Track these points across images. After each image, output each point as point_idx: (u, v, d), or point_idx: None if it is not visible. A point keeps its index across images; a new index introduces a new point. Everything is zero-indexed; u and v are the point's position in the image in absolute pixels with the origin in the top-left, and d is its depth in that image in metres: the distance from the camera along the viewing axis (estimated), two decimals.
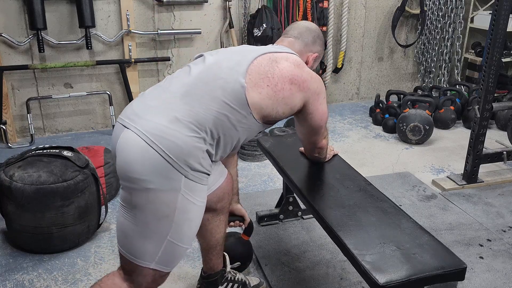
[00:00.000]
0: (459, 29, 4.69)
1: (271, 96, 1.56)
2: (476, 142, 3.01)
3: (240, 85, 1.51)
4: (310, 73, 1.68)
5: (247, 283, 2.09)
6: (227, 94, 1.49)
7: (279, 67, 1.59)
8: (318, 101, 1.71)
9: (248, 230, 2.21)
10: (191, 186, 1.44)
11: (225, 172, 1.84)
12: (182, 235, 1.48)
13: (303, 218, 2.67)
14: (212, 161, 1.52)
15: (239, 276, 2.07)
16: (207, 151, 1.47)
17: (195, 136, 1.43)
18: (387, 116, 4.12)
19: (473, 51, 4.90)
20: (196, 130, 1.43)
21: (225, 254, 2.03)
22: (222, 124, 1.49)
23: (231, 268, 2.06)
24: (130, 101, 1.90)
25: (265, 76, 1.56)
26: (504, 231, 2.61)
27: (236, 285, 2.04)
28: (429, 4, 4.68)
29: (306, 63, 1.81)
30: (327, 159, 2.17)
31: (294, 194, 2.56)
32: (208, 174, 1.50)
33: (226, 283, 2.02)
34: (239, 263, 2.17)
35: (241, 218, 2.12)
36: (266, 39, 3.95)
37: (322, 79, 4.47)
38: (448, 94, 4.42)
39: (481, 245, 2.47)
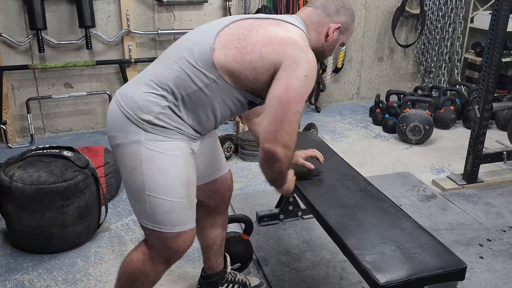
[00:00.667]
0: (459, 29, 4.70)
1: (237, 59, 1.43)
2: (476, 142, 3.01)
3: (209, 46, 1.44)
4: (298, 44, 1.44)
5: (248, 283, 2.09)
6: (193, 55, 1.45)
7: (258, 32, 1.45)
8: (293, 72, 1.40)
9: (248, 229, 2.21)
10: (153, 137, 1.45)
11: (224, 169, 1.83)
12: (158, 186, 1.45)
13: (303, 218, 2.67)
14: (185, 122, 1.48)
15: (240, 277, 2.07)
16: (170, 108, 1.46)
17: (152, 92, 1.45)
18: (387, 116, 4.12)
19: (473, 51, 4.90)
20: (154, 87, 1.46)
21: (226, 254, 2.03)
22: (184, 84, 1.45)
23: (231, 269, 2.06)
24: None
25: (236, 38, 1.45)
26: (504, 231, 2.61)
27: (236, 285, 2.04)
28: (429, 4, 4.68)
29: (327, 35, 1.59)
30: (284, 189, 1.75)
31: (294, 194, 2.56)
32: (174, 129, 1.47)
33: (226, 284, 2.02)
34: (239, 264, 2.17)
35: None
36: None
37: (322, 79, 4.54)
38: (448, 94, 4.42)
39: (481, 245, 2.47)
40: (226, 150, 3.41)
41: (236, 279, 2.05)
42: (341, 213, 1.76)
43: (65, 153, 2.41)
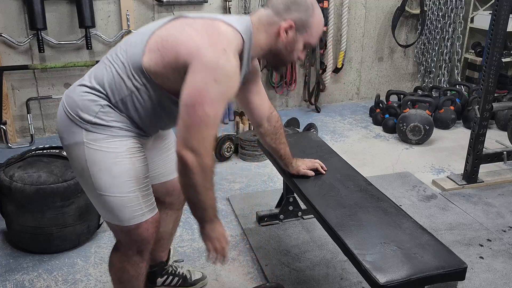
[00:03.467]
0: (459, 29, 4.70)
1: (159, 61, 1.40)
2: (476, 142, 3.01)
3: (140, 49, 1.42)
4: (216, 46, 1.35)
5: (189, 277, 2.08)
6: (127, 57, 1.45)
7: (183, 32, 1.41)
8: (200, 75, 1.33)
9: None
10: (95, 137, 1.45)
11: None
12: (105, 185, 1.47)
13: (303, 218, 2.67)
14: (127, 119, 1.48)
15: (181, 270, 2.06)
16: (109, 106, 1.46)
17: (90, 92, 1.47)
18: (387, 116, 4.12)
19: (473, 51, 4.90)
20: (94, 86, 1.47)
21: (171, 248, 2.03)
22: (118, 87, 1.45)
23: (174, 262, 2.04)
24: None
25: (161, 40, 1.41)
26: (504, 231, 2.61)
27: (176, 278, 2.03)
28: (429, 4, 4.68)
29: (278, 35, 1.49)
30: (207, 232, 1.51)
31: (294, 194, 2.56)
32: (116, 127, 1.47)
33: (166, 276, 2.01)
34: (182, 259, 2.18)
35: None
36: None
37: (322, 79, 4.54)
38: (448, 94, 4.42)
39: (481, 245, 2.47)
40: (226, 150, 3.41)
41: (177, 272, 2.04)
42: (341, 213, 1.76)
43: (65, 153, 2.41)
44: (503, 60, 4.60)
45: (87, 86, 1.48)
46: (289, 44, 1.51)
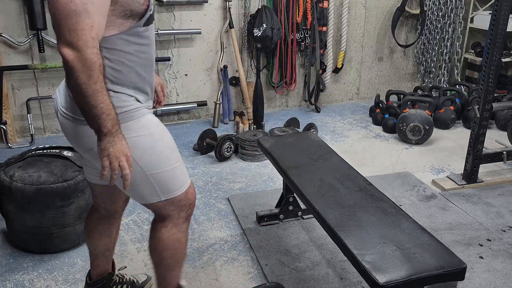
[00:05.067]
0: (459, 29, 4.70)
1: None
2: (476, 142, 3.01)
3: None
4: None
5: (136, 281, 2.06)
6: None
7: None
8: None
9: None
10: (123, 127, 1.39)
11: None
12: (154, 163, 1.50)
13: (303, 218, 2.67)
14: (130, 89, 1.44)
15: (127, 276, 2.04)
16: (112, 91, 1.40)
17: None
18: (387, 116, 4.12)
19: (473, 51, 4.90)
20: None
21: (113, 258, 1.99)
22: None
23: (118, 270, 2.01)
24: None
25: None
26: (504, 231, 2.61)
27: (125, 285, 2.00)
28: (429, 4, 4.68)
29: None
30: (100, 142, 1.33)
31: (294, 194, 2.56)
32: (133, 108, 1.44)
33: (115, 286, 1.97)
34: (125, 266, 2.16)
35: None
36: (266, 39, 3.95)
37: (322, 79, 4.54)
38: (448, 94, 4.42)
39: (481, 245, 2.47)
40: (226, 150, 3.41)
41: (124, 280, 2.01)
42: (341, 213, 1.76)
43: (65, 153, 2.41)
44: (503, 60, 4.59)
45: None
46: None
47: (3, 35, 3.54)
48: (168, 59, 4.02)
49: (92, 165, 1.62)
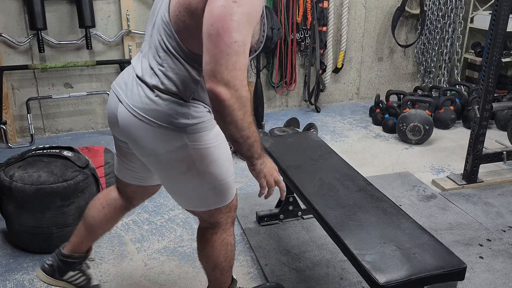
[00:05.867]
0: (459, 29, 4.70)
1: (191, 32, 1.37)
2: (476, 142, 3.01)
3: (174, 40, 1.41)
4: None
5: (90, 280, 2.03)
6: (166, 36, 1.43)
7: None
8: (217, 2, 1.24)
9: None
10: (196, 137, 1.48)
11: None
12: (215, 176, 1.55)
13: (303, 218, 2.67)
14: (205, 100, 1.48)
15: (89, 270, 2.02)
16: (193, 101, 1.46)
17: (173, 97, 1.45)
18: (387, 116, 4.12)
19: (473, 51, 4.90)
20: (170, 89, 1.45)
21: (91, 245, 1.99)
22: (186, 81, 1.45)
23: (88, 260, 1.99)
24: None
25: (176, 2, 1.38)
26: (504, 231, 2.61)
27: (84, 277, 1.98)
28: (429, 4, 4.68)
29: None
30: (259, 167, 1.45)
31: (294, 194, 2.56)
32: (207, 120, 1.49)
33: (78, 271, 1.94)
34: (94, 258, 2.15)
35: None
36: (266, 39, 3.94)
37: (322, 79, 4.54)
38: (448, 94, 4.42)
39: (481, 245, 2.47)
40: None
41: (86, 272, 1.99)
42: (341, 213, 1.76)
43: (65, 153, 2.41)
44: (503, 60, 4.59)
45: (163, 91, 1.44)
46: None
47: (3, 35, 3.55)
48: None
49: (142, 169, 1.68)
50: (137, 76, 1.51)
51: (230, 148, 1.62)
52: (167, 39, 1.43)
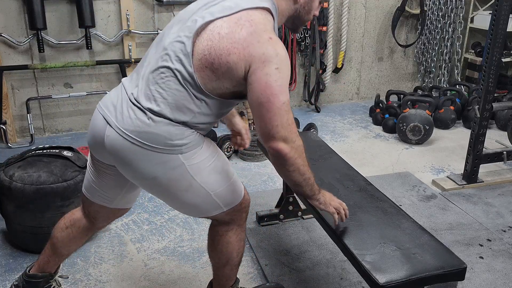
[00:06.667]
0: (459, 29, 4.70)
1: (212, 77, 1.42)
2: (476, 142, 3.01)
3: (191, 70, 1.42)
4: (262, 38, 1.38)
5: None
6: (183, 78, 1.44)
7: (221, 38, 1.40)
8: (263, 71, 1.37)
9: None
10: (191, 154, 1.51)
11: (132, 204, 1.85)
12: (218, 182, 1.59)
13: (303, 218, 2.67)
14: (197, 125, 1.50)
15: (63, 286, 2.00)
16: (188, 122, 1.47)
17: (169, 121, 1.45)
18: (387, 116, 4.12)
19: (473, 51, 4.90)
20: (165, 114, 1.45)
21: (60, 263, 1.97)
22: (183, 110, 1.48)
23: (59, 277, 1.97)
24: None
25: (204, 55, 1.41)
26: (504, 231, 2.61)
27: None
28: (429, 4, 4.68)
29: (296, 1, 1.55)
30: (320, 200, 1.59)
31: (294, 194, 2.56)
32: (200, 132, 1.53)
33: None
34: (68, 276, 2.12)
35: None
36: None
37: (322, 79, 4.54)
38: (448, 94, 4.42)
39: (481, 245, 2.47)
40: (226, 150, 3.40)
41: None
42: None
43: (65, 153, 2.41)
44: (503, 60, 4.59)
45: (161, 116, 1.45)
46: (307, 4, 1.57)
47: (3, 35, 3.54)
48: None
49: (111, 189, 1.69)
50: (130, 98, 1.49)
51: (230, 149, 1.64)
52: (180, 67, 1.43)
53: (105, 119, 1.52)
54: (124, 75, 3.85)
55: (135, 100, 1.48)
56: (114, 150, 1.50)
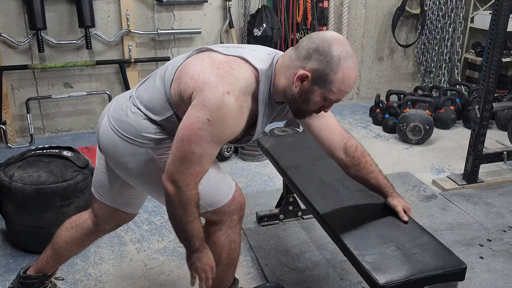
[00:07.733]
0: (459, 29, 4.69)
1: (176, 91, 1.45)
2: (476, 142, 3.01)
3: (170, 80, 1.48)
4: (219, 87, 1.33)
5: None
6: (163, 84, 1.51)
7: (197, 63, 1.43)
8: (197, 112, 1.34)
9: None
10: (162, 151, 1.51)
11: (138, 209, 1.86)
12: None
13: (303, 218, 2.67)
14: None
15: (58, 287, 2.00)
16: (159, 122, 1.50)
17: (143, 114, 1.51)
18: (387, 116, 4.12)
19: (473, 51, 4.90)
20: (142, 110, 1.52)
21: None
22: (159, 111, 1.51)
23: (54, 278, 1.96)
24: None
25: (182, 69, 1.46)
26: (504, 231, 2.61)
27: None
28: (429, 4, 4.68)
29: (294, 84, 1.39)
30: (193, 261, 1.52)
31: (294, 194, 2.56)
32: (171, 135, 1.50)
33: None
34: (63, 278, 2.12)
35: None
36: (266, 39, 3.95)
37: None
38: (448, 94, 4.42)
39: (481, 245, 2.47)
40: (226, 150, 3.40)
41: None
42: (341, 213, 1.76)
43: (65, 153, 2.41)
44: (503, 60, 4.59)
45: (139, 110, 1.52)
46: (304, 94, 1.39)
47: (2, 35, 3.54)
48: (168, 59, 4.02)
49: (125, 188, 1.71)
50: (131, 93, 1.59)
51: (230, 149, 1.64)
52: (166, 71, 1.52)
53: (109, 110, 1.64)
54: (124, 75, 3.85)
55: (134, 94, 1.57)
56: (99, 136, 1.61)
